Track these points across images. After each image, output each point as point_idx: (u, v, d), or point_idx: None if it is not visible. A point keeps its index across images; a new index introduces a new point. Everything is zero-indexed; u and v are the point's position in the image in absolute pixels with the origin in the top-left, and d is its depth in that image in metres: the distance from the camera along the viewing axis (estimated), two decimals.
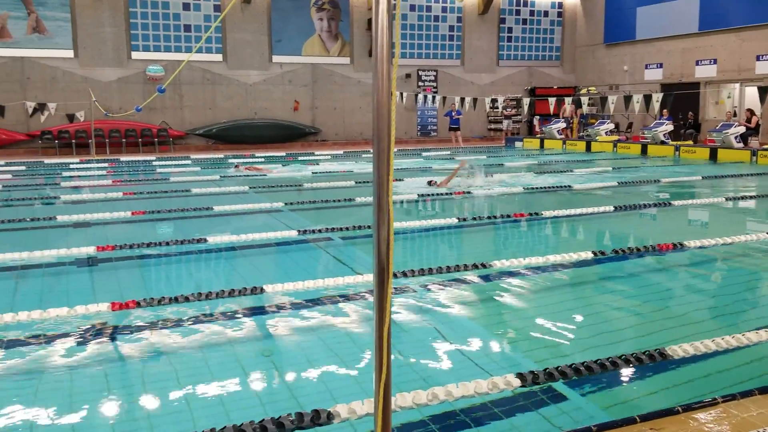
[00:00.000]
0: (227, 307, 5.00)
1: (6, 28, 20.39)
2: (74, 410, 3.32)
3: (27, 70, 20.72)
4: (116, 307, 4.63)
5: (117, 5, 21.44)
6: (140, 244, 7.03)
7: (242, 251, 7.21)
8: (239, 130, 23.18)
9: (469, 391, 3.13)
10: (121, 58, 21.69)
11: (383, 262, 1.88)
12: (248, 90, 23.42)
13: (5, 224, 8.45)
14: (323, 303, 5.16)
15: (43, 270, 6.26)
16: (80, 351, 4.11)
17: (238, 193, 11.49)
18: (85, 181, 13.51)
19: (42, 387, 3.61)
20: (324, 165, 16.93)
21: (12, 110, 20.48)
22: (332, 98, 24.69)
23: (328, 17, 24.34)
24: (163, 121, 22.20)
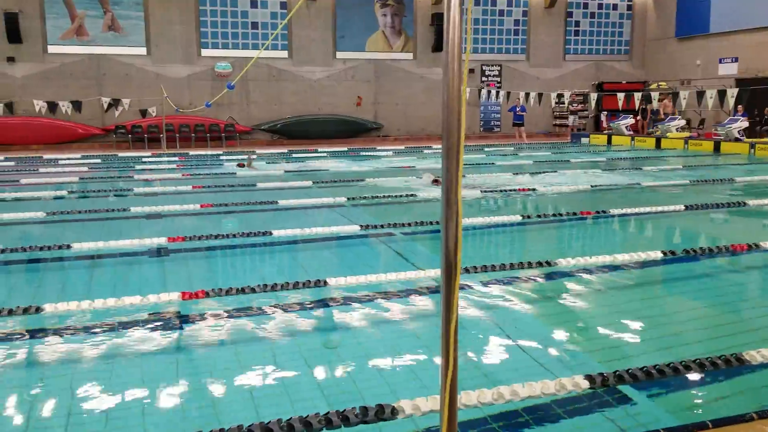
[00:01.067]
0: (291, 298, 5.09)
1: (84, 27, 21.27)
2: (145, 395, 3.44)
3: (103, 67, 21.57)
4: (186, 297, 4.78)
5: (187, 4, 22.06)
6: (208, 235, 7.22)
7: (305, 245, 7.31)
8: (303, 125, 23.51)
9: (536, 391, 3.09)
10: (191, 56, 22.32)
11: (451, 258, 1.87)
12: (312, 86, 23.72)
13: (82, 215, 8.83)
14: (385, 297, 5.18)
15: (116, 259, 6.52)
16: (152, 338, 4.26)
17: (301, 188, 11.66)
18: (156, 174, 13.98)
19: (116, 372, 3.76)
20: (386, 160, 16.99)
21: (88, 106, 21.38)
22: (395, 94, 24.73)
23: (391, 13, 24.38)
24: (230, 116, 22.73)
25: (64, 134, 21.24)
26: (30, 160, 17.25)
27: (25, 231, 8.14)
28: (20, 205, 9.89)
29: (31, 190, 11.30)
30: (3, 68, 20.59)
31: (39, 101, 20.78)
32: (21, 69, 20.77)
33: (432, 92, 24.99)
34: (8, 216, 8.61)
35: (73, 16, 21.10)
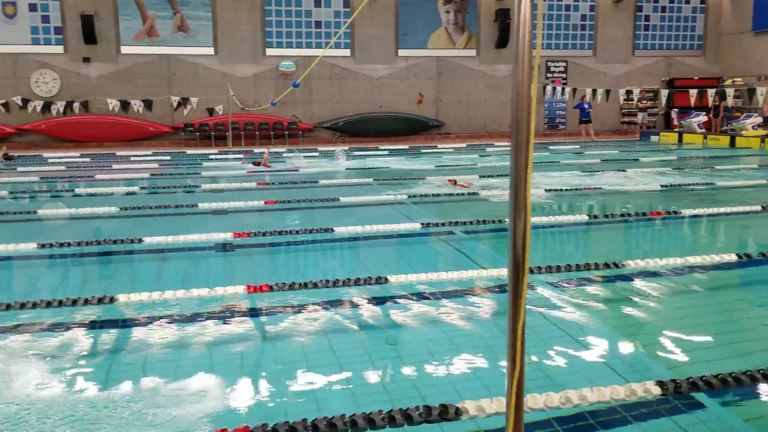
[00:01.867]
0: (353, 294, 5.12)
1: (154, 28, 21.98)
2: (210, 386, 3.52)
3: (172, 66, 22.23)
4: (251, 290, 4.87)
5: (254, 4, 22.49)
6: (272, 231, 7.35)
7: (366, 242, 7.35)
8: (364, 123, 23.63)
9: (605, 396, 3.01)
10: (256, 55, 22.75)
11: (519, 257, 1.84)
12: (374, 84, 23.81)
13: (153, 210, 9.13)
14: (446, 296, 5.15)
15: (185, 253, 6.71)
16: (218, 330, 4.37)
17: (362, 185, 11.73)
18: (222, 171, 14.32)
19: (182, 362, 3.86)
20: (447, 158, 16.90)
21: (158, 104, 22.09)
22: (457, 91, 24.56)
23: (454, 10, 24.21)
24: (293, 114, 23.07)
25: (136, 132, 22.01)
26: (104, 157, 17.96)
27: (99, 225, 8.48)
28: (95, 200, 10.30)
29: (104, 186, 11.76)
30: (79, 68, 21.49)
31: (112, 100, 21.62)
32: (96, 69, 21.63)
33: (494, 89, 24.71)
34: (84, 210, 8.98)
35: (144, 17, 21.83)
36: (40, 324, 4.43)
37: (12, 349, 4.02)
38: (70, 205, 9.61)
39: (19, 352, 3.99)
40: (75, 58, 21.41)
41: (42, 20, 21.04)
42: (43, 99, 21.22)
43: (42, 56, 21.16)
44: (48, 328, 4.37)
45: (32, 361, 3.83)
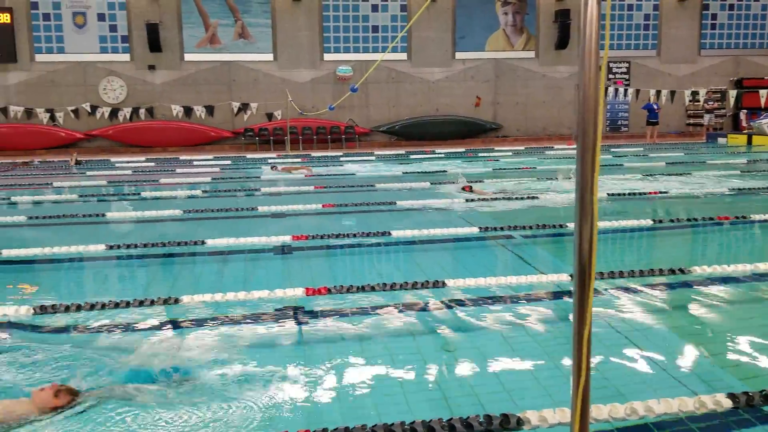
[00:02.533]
0: (410, 298, 5.11)
1: (216, 35, 22.53)
2: (266, 385, 3.56)
3: (233, 73, 22.74)
4: (309, 293, 4.92)
5: (312, 10, 22.79)
6: (330, 234, 7.42)
7: (423, 245, 7.32)
8: (421, 126, 23.60)
9: (672, 408, 2.91)
10: (314, 60, 23.04)
11: (585, 263, 1.79)
12: (431, 87, 23.77)
13: (214, 213, 9.34)
14: (505, 301, 5.08)
15: (245, 255, 6.83)
16: (278, 331, 4.42)
17: (419, 189, 11.70)
18: (279, 175, 14.54)
19: (234, 362, 3.91)
20: (504, 161, 16.72)
21: (220, 110, 22.62)
22: (515, 93, 24.27)
23: (513, 11, 23.95)
24: (350, 119, 23.25)
25: (198, 137, 22.60)
26: (168, 161, 18.50)
27: (163, 227, 8.72)
28: (159, 203, 10.61)
29: (169, 190, 12.10)
30: (144, 76, 22.22)
31: (176, 106, 22.27)
32: (160, 76, 22.32)
33: (554, 91, 24.31)
34: (149, 213, 9.26)
35: (207, 25, 22.40)
36: (110, 323, 4.58)
37: (83, 347, 4.17)
38: (137, 208, 9.94)
39: (91, 351, 4.13)
40: (141, 66, 22.15)
41: (110, 29, 21.85)
42: (111, 106, 22.02)
43: (110, 64, 21.97)
44: (117, 327, 4.51)
45: (103, 360, 3.96)
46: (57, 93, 21.68)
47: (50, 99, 21.66)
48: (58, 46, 21.60)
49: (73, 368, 3.81)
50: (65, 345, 4.22)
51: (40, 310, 4.64)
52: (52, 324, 4.60)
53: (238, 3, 22.40)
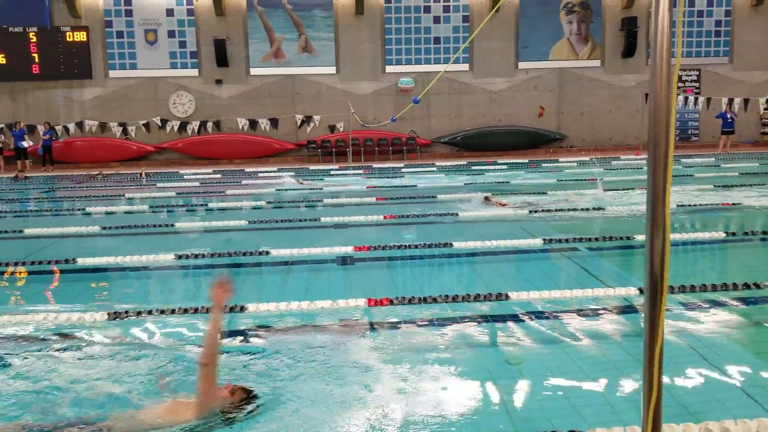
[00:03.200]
0: (472, 310, 5.07)
1: (281, 49, 23.03)
2: (330, 389, 3.60)
3: (297, 86, 23.17)
4: (372, 303, 4.95)
5: (374, 23, 23.03)
6: (391, 246, 7.44)
7: (485, 257, 7.26)
8: (483, 137, 23.45)
9: (751, 430, 2.78)
10: (376, 72, 23.25)
11: (657, 277, 1.74)
12: (493, 97, 23.61)
13: (278, 223, 9.52)
14: (569, 314, 4.98)
15: (308, 265, 6.93)
16: (341, 340, 4.44)
17: (480, 200, 11.60)
18: (343, 186, 14.70)
19: (299, 371, 3.96)
20: (569, 172, 16.41)
21: (284, 122, 23.09)
22: (579, 103, 23.83)
23: (577, 20, 23.57)
24: (411, 130, 23.32)
25: (263, 149, 23.10)
26: (234, 173, 18.97)
27: (229, 237, 8.94)
28: (226, 214, 10.89)
29: (234, 200, 12.40)
30: (212, 90, 22.90)
31: (242, 119, 22.85)
32: (227, 90, 22.96)
33: (620, 100, 23.73)
34: (216, 224, 9.52)
35: (272, 40, 22.94)
36: (182, 331, 4.72)
37: (158, 352, 4.31)
38: (204, 219, 10.23)
39: (167, 356, 4.26)
40: (208, 81, 22.85)
41: (179, 46, 22.64)
42: (180, 119, 22.79)
43: (179, 79, 22.75)
44: (187, 333, 4.64)
45: (170, 368, 4.09)
46: (129, 107, 22.59)
47: (123, 113, 22.58)
48: (131, 63, 22.52)
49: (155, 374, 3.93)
50: (135, 350, 4.36)
51: (114, 316, 4.83)
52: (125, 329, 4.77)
53: (302, 17, 22.85)
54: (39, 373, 3.96)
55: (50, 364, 4.09)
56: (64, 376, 3.89)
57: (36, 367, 4.05)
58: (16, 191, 15.50)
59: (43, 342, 4.51)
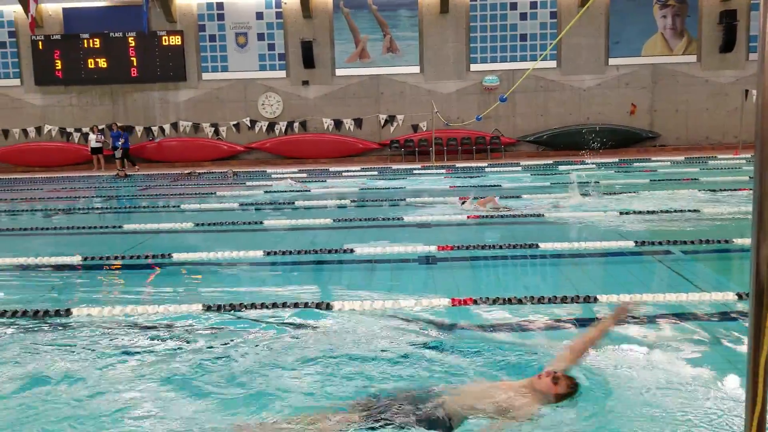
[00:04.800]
0: (558, 313, 4.95)
1: (366, 50, 23.27)
2: None
3: (381, 86, 23.35)
4: (455, 303, 4.92)
5: (460, 22, 22.89)
6: (475, 245, 7.37)
7: (573, 259, 7.08)
8: (570, 136, 22.86)
9: None
10: (460, 71, 23.10)
11: (763, 282, 1.64)
12: (581, 95, 22.97)
13: (362, 222, 9.62)
14: (663, 320, 4.77)
15: (391, 264, 6.96)
16: (423, 339, 4.44)
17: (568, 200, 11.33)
18: (424, 185, 14.70)
19: (391, 366, 3.98)
20: (663, 172, 15.75)
21: (367, 122, 23.32)
22: (674, 100, 22.82)
23: (672, 14, 22.57)
24: (495, 129, 23.03)
25: (347, 149, 23.43)
26: (319, 172, 19.33)
27: (315, 235, 9.11)
28: (311, 212, 11.10)
29: (319, 199, 12.63)
30: (299, 91, 23.41)
31: (327, 119, 23.26)
32: (313, 91, 23.42)
33: (718, 97, 22.56)
34: (302, 222, 9.73)
35: (357, 41, 23.21)
36: (264, 323, 4.85)
37: (241, 347, 4.45)
38: (290, 217, 10.47)
39: (248, 351, 4.39)
40: (295, 82, 23.38)
41: (268, 48, 23.28)
42: (268, 120, 23.43)
43: (267, 81, 23.40)
44: (270, 328, 4.76)
45: (260, 359, 4.20)
46: (221, 109, 23.44)
47: (215, 114, 23.45)
48: (222, 65, 23.35)
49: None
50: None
51: (208, 308, 5.02)
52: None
53: (386, 17, 23.01)
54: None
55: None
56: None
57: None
58: (116, 189, 16.41)
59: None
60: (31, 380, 3.91)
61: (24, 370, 4.06)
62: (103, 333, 4.73)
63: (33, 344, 4.52)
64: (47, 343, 4.56)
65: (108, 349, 4.40)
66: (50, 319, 5.04)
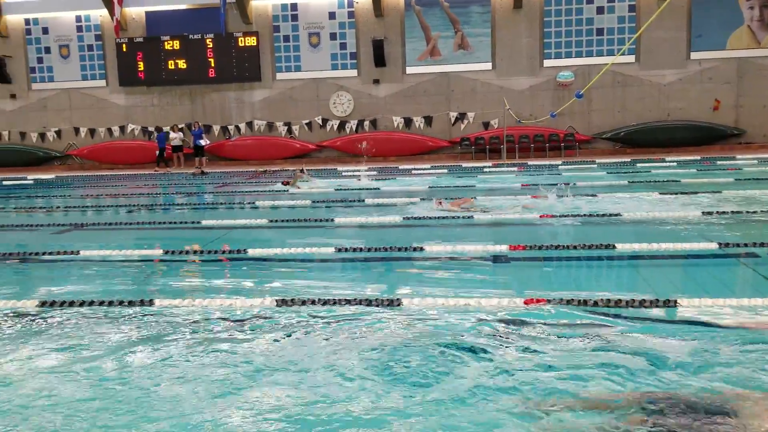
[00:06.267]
0: (635, 316, 4.79)
1: (437, 48, 23.18)
2: (476, 387, 3.55)
3: (451, 83, 23.21)
4: (529, 303, 4.83)
5: (533, 17, 22.49)
6: (548, 245, 7.22)
7: (651, 261, 6.83)
8: (649, 133, 22.08)
9: None
10: (533, 67, 22.69)
11: None
12: (661, 90, 22.15)
13: (431, 220, 9.58)
14: (749, 326, 4.54)
15: (460, 262, 6.90)
16: (489, 341, 4.37)
17: (646, 199, 10.94)
18: (496, 184, 14.51)
19: (452, 366, 3.95)
20: (748, 171, 15.00)
21: (438, 120, 23.24)
22: (762, 95, 21.67)
23: (760, 4, 21.43)
24: (570, 126, 22.51)
25: (417, 147, 23.42)
26: (388, 170, 19.39)
27: (383, 233, 9.15)
28: (380, 209, 11.14)
29: (389, 197, 12.67)
30: (370, 89, 23.56)
31: (397, 117, 23.33)
32: (384, 89, 23.52)
33: None
34: (371, 220, 9.78)
35: (428, 38, 23.15)
36: (336, 319, 4.91)
37: (314, 341, 4.51)
38: (359, 214, 10.55)
39: (320, 345, 4.45)
40: (366, 81, 23.54)
41: (340, 47, 23.54)
42: (339, 118, 23.70)
43: (339, 80, 23.66)
44: (341, 323, 4.81)
45: (331, 353, 4.25)
46: (294, 108, 23.87)
47: (288, 113, 23.91)
48: (296, 65, 23.76)
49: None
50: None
51: (281, 303, 5.12)
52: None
53: (458, 14, 22.85)
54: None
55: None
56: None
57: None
58: (195, 185, 16.96)
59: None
60: (119, 365, 4.09)
61: (113, 357, 4.25)
62: (185, 323, 4.90)
63: (119, 332, 4.74)
64: (133, 331, 4.76)
65: (190, 338, 4.56)
66: (136, 308, 5.26)
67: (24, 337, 4.72)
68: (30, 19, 24.33)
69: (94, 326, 4.93)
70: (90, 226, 10.64)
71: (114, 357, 4.28)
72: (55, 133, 24.77)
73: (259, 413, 3.44)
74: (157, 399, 3.64)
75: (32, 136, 24.88)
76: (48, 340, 4.66)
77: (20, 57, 24.57)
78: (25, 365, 4.20)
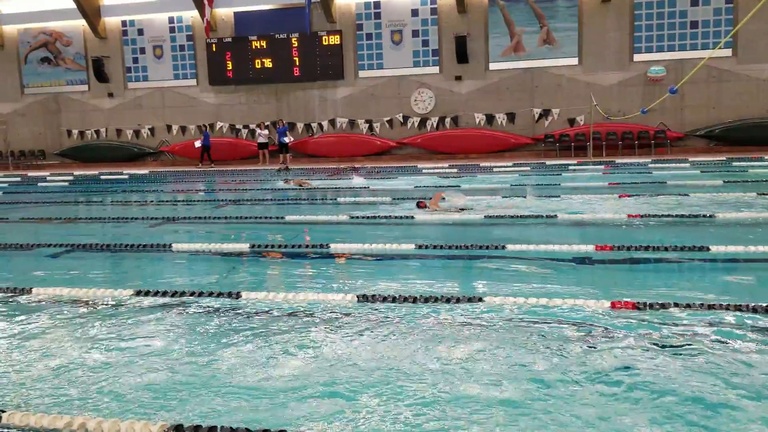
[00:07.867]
0: (731, 322, 4.55)
1: (521, 43, 22.79)
2: (545, 390, 3.47)
3: (536, 79, 22.77)
4: (616, 306, 4.68)
5: (623, 10, 21.74)
6: (637, 246, 6.97)
7: (747, 264, 6.47)
8: (747, 130, 20.92)
9: None
10: (623, 62, 21.94)
11: None
12: (761, 86, 20.93)
13: (512, 219, 9.44)
14: None
15: (543, 262, 6.74)
16: (571, 346, 4.26)
17: (741, 201, 10.38)
18: (582, 182, 14.12)
19: (530, 366, 3.87)
20: None
21: (521, 116, 22.85)
22: None
23: None
24: (661, 122, 21.63)
25: (499, 144, 23.11)
26: (469, 168, 19.24)
27: (465, 231, 9.09)
28: None
29: (470, 195, 12.56)
30: (451, 86, 23.44)
31: (479, 114, 23.10)
32: (466, 86, 23.34)
33: None
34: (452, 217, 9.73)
35: (512, 34, 22.79)
36: (416, 316, 4.91)
37: (388, 338, 4.54)
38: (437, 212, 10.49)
39: (398, 343, 4.47)
40: (448, 77, 23.43)
41: (422, 44, 23.53)
42: (420, 115, 23.70)
43: (421, 77, 23.65)
44: (421, 320, 4.82)
45: (415, 349, 4.26)
46: (375, 105, 24.06)
47: (369, 111, 24.12)
48: (378, 63, 23.93)
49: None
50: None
51: (362, 298, 5.18)
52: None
53: (544, 9, 22.38)
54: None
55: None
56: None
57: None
58: (279, 181, 17.38)
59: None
60: (209, 355, 4.25)
61: (202, 346, 4.43)
62: (270, 316, 5.04)
63: (208, 323, 4.93)
64: (222, 322, 4.94)
65: (272, 330, 4.68)
66: (223, 299, 5.46)
67: (120, 324, 4.98)
68: (126, 21, 25.61)
69: (187, 316, 5.14)
70: (180, 220, 11.11)
71: (203, 346, 4.45)
72: (148, 130, 25.99)
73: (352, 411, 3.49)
74: (238, 389, 3.75)
75: (128, 133, 26.21)
76: (141, 326, 4.90)
77: (117, 57, 25.91)
78: (124, 350, 4.42)
